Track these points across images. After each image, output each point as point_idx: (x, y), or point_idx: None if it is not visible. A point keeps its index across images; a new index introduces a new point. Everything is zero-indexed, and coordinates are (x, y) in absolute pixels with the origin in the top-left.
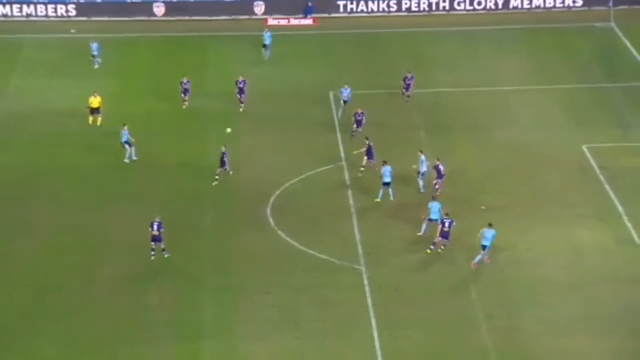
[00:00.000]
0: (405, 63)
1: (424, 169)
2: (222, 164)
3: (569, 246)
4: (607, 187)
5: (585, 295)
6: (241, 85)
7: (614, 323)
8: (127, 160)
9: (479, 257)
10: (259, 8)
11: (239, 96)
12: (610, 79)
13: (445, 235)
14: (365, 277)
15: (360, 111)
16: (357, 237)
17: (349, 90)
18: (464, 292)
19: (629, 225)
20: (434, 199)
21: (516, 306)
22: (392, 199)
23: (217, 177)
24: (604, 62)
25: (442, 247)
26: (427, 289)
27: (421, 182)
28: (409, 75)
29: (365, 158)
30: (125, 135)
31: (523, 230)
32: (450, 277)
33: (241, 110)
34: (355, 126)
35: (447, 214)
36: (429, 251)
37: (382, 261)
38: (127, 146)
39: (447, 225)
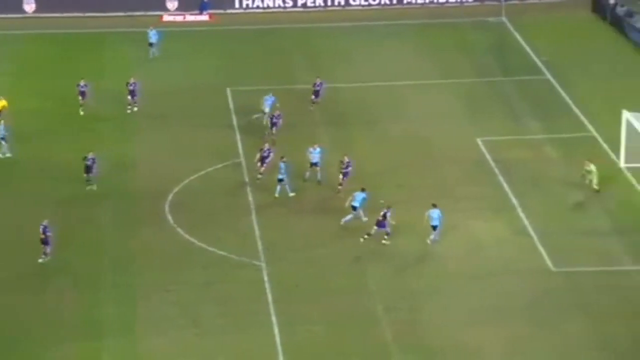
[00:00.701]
0: (302, 58)
1: (315, 159)
2: (88, 170)
3: (466, 238)
4: (501, 179)
5: (483, 286)
6: (132, 87)
7: (512, 313)
8: (1, 155)
9: (432, 236)
10: (172, 4)
11: (129, 98)
12: (503, 72)
13: (380, 224)
14: (265, 272)
15: (277, 113)
16: (257, 232)
17: (272, 99)
18: (364, 285)
19: (523, 216)
20: (363, 190)
21: (416, 298)
22: (289, 194)
23: (89, 182)
24: (497, 56)
25: (384, 237)
26: (327, 283)
27: (319, 174)
28: (318, 81)
29: (259, 164)
30: (0, 130)
31: (421, 223)
32: (350, 271)
33: (129, 111)
34: (272, 129)
35: (388, 206)
36: (362, 240)
37: (282, 256)
38: (2, 142)
39: (381, 214)
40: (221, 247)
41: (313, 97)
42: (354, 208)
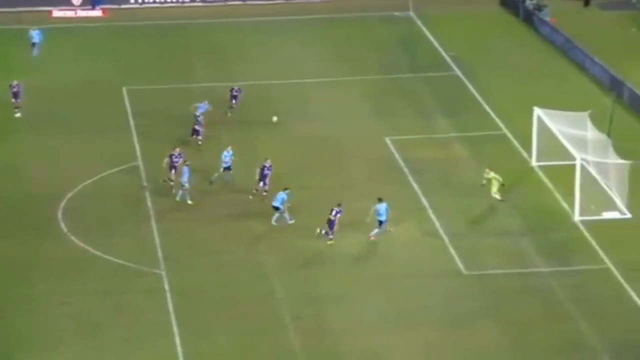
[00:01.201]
0: (202, 56)
1: (227, 163)
2: None
3: (376, 240)
4: (410, 179)
5: (394, 290)
6: (15, 89)
7: (424, 317)
8: None
9: (376, 231)
10: None
11: (14, 101)
12: (411, 68)
13: (331, 224)
14: (165, 281)
15: (200, 119)
16: (156, 239)
17: (206, 106)
18: (270, 293)
19: (433, 217)
20: (285, 189)
21: (324, 304)
22: (188, 202)
23: None
24: (404, 51)
25: (329, 238)
26: (232, 291)
27: (216, 175)
28: (237, 87)
29: (172, 171)
30: None
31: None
32: (255, 277)
33: (17, 115)
34: (194, 135)
35: (339, 204)
36: (319, 234)
37: (183, 264)
38: None
39: (333, 213)
40: (119, 255)
41: (233, 101)
42: (276, 208)
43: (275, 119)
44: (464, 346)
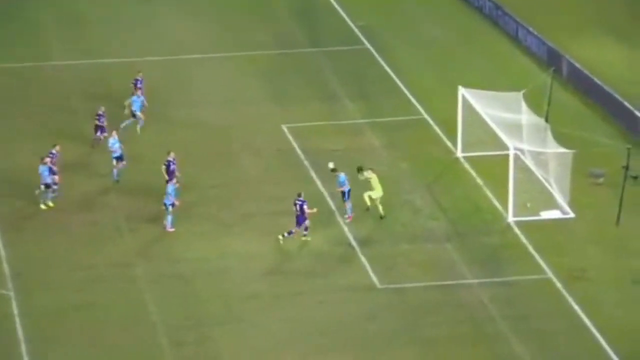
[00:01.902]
0: (55, 26)
1: (117, 152)
2: None
3: (272, 250)
4: (313, 174)
5: (294, 307)
6: None
7: (329, 339)
8: None
9: (349, 207)
10: None
11: None
12: (311, 42)
13: (299, 220)
14: (14, 303)
15: (101, 112)
16: (2, 253)
17: (142, 98)
18: (143, 314)
19: (340, 220)
20: (175, 181)
21: (210, 327)
22: (41, 205)
23: None
24: (303, 21)
25: (304, 236)
26: (96, 314)
27: (115, 171)
28: (140, 77)
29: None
30: None
31: (215, 233)
32: (126, 296)
33: None
34: (98, 133)
35: (299, 194)
36: (280, 238)
37: (37, 282)
38: None
39: (298, 208)
40: None
41: (138, 94)
42: (165, 205)
43: (331, 165)
44: None
